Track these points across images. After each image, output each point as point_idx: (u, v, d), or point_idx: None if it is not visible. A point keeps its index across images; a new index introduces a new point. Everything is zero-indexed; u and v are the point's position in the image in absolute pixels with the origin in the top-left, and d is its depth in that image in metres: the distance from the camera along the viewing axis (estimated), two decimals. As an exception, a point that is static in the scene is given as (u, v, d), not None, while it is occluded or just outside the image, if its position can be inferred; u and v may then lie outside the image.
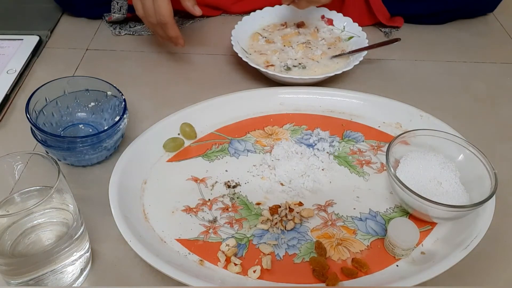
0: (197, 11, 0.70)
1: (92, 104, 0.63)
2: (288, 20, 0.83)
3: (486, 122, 0.69)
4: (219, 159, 0.61)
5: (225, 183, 0.58)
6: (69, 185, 0.45)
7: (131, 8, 0.81)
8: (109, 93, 0.62)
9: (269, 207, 0.55)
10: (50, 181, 0.43)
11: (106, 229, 0.53)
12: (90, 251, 0.50)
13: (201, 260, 0.50)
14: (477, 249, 0.49)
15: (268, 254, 0.51)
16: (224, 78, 0.75)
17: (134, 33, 0.84)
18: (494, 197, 0.51)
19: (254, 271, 0.49)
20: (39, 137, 0.57)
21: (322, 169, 0.60)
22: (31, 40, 0.80)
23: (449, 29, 0.87)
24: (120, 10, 0.81)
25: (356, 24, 0.79)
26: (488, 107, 0.72)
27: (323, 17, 0.83)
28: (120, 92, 0.60)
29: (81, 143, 0.56)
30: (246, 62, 0.70)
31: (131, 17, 0.84)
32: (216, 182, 0.58)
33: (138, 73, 0.76)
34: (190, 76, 0.75)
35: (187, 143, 0.62)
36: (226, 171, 0.60)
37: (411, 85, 0.75)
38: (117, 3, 0.80)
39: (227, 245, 0.51)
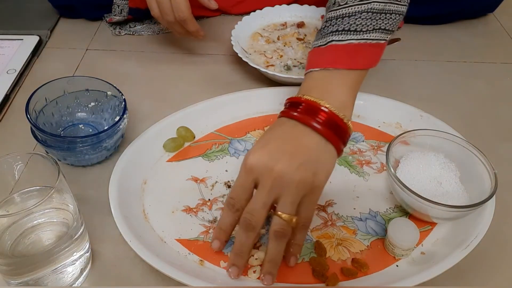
0: (212, 4, 0.70)
1: (92, 104, 0.63)
2: (288, 20, 0.83)
3: (486, 122, 0.69)
4: (219, 159, 0.61)
5: (225, 183, 0.58)
6: (69, 185, 0.45)
7: (132, 11, 0.81)
8: (109, 93, 0.62)
9: None
10: (50, 181, 0.43)
11: (106, 229, 0.53)
12: (90, 251, 0.50)
13: (201, 260, 0.50)
14: (477, 249, 0.49)
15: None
16: (224, 78, 0.75)
17: (134, 33, 0.84)
18: (494, 197, 0.51)
19: (254, 271, 0.49)
20: (39, 137, 0.57)
21: (322, 169, 0.60)
22: (31, 40, 0.80)
23: (449, 29, 0.87)
24: (121, 13, 0.81)
25: (356, 24, 0.79)
26: (488, 107, 0.72)
27: (323, 17, 0.82)
28: (120, 92, 0.60)
29: (81, 143, 0.56)
30: (246, 62, 0.70)
31: (132, 18, 0.84)
32: (216, 182, 0.58)
33: (138, 73, 0.76)
34: (190, 76, 0.75)
35: (187, 143, 0.62)
36: (226, 171, 0.60)
37: (411, 85, 0.75)
38: (118, 6, 0.80)
39: (256, 259, 0.50)
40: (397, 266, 0.51)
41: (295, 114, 0.48)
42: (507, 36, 0.87)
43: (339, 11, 0.51)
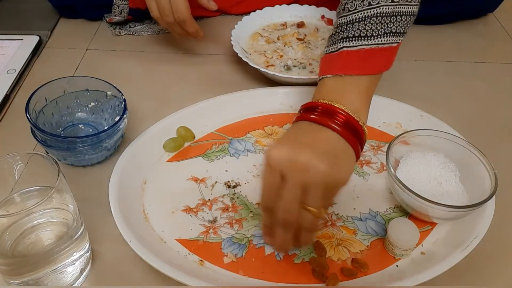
0: (212, 5, 0.70)
1: (92, 104, 0.63)
2: (288, 20, 0.83)
3: (486, 122, 0.69)
4: (219, 159, 0.61)
5: (225, 183, 0.58)
6: (69, 185, 0.45)
7: (132, 11, 0.81)
8: (109, 93, 0.62)
9: None
10: (50, 181, 0.43)
11: (106, 229, 0.53)
12: (90, 251, 0.50)
13: (201, 260, 0.50)
14: (477, 249, 0.49)
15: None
16: (224, 78, 0.75)
17: (134, 33, 0.84)
18: (494, 197, 0.51)
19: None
20: (39, 137, 0.57)
21: (322, 169, 0.60)
22: (31, 40, 0.80)
23: (449, 29, 0.87)
24: (121, 13, 0.81)
25: (356, 24, 0.79)
26: (488, 107, 0.72)
27: (323, 17, 0.83)
28: (120, 92, 0.60)
29: (81, 143, 0.56)
30: (246, 62, 0.70)
31: (132, 18, 0.84)
32: (216, 182, 0.58)
33: (138, 73, 0.76)
34: (190, 76, 0.75)
35: (187, 143, 0.62)
36: (226, 171, 0.60)
37: (411, 85, 0.75)
38: (118, 6, 0.80)
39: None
40: (397, 266, 0.51)
41: (313, 116, 0.48)
42: (507, 36, 0.87)
43: (349, 17, 0.52)
